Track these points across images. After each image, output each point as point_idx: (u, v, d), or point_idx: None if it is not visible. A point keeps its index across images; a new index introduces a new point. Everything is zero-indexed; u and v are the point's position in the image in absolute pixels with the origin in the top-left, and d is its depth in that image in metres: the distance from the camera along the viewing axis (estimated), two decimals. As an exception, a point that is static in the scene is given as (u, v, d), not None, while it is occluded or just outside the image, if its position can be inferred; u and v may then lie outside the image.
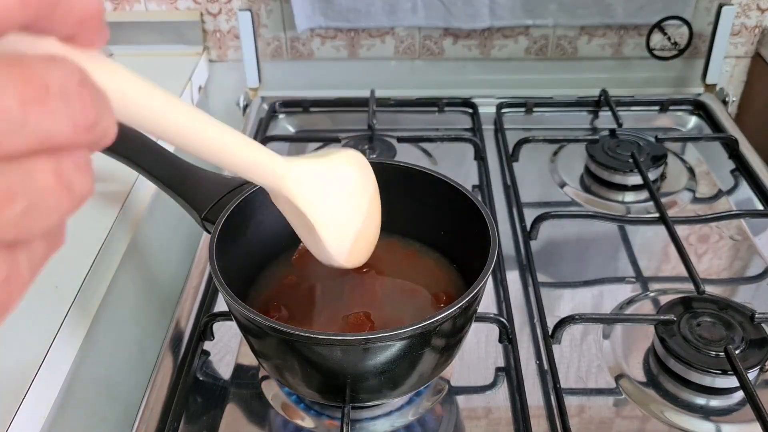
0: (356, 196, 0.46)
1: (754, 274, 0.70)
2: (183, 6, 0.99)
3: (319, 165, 0.42)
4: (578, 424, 0.55)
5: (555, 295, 0.67)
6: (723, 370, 0.56)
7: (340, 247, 0.45)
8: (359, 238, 0.47)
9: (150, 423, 0.55)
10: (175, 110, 0.28)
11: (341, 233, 0.45)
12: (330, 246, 0.44)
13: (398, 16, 0.95)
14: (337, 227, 0.44)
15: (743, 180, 0.84)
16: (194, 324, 0.63)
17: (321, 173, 0.42)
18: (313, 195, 0.41)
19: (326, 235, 0.43)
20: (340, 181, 0.44)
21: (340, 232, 0.45)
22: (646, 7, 0.95)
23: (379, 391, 0.50)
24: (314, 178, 0.41)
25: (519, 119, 0.96)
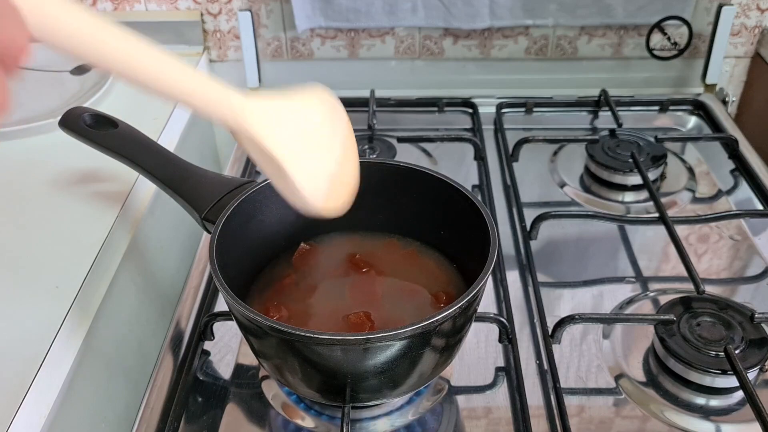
0: (326, 134, 0.43)
1: (753, 274, 0.71)
2: (183, 6, 0.99)
3: (281, 101, 0.40)
4: (578, 424, 0.55)
5: (555, 295, 0.68)
6: (723, 370, 0.56)
7: (314, 188, 0.42)
8: (335, 181, 0.44)
9: (150, 423, 0.55)
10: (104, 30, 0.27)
11: (313, 172, 0.42)
12: (302, 186, 0.41)
13: (398, 16, 0.96)
14: (307, 165, 0.41)
15: (743, 180, 0.84)
16: (194, 324, 0.63)
17: (284, 108, 0.40)
18: (276, 130, 0.39)
19: (296, 173, 0.40)
20: (306, 117, 0.42)
21: (312, 171, 0.42)
22: (646, 7, 0.95)
23: (379, 390, 0.50)
24: (276, 113, 0.39)
25: (519, 119, 0.97)
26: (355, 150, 0.47)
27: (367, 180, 0.59)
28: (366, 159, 0.83)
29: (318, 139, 0.42)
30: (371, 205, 0.60)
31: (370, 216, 0.61)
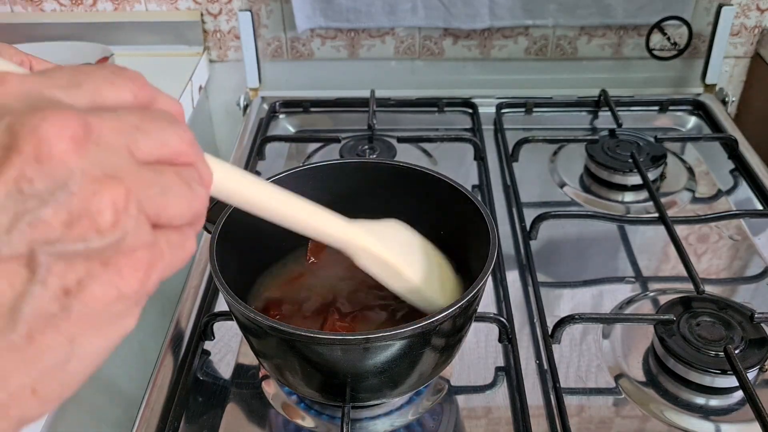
0: (417, 246, 0.50)
1: (753, 274, 0.71)
2: (183, 6, 0.99)
3: (373, 222, 0.47)
4: (578, 424, 0.55)
5: (555, 294, 0.68)
6: (722, 370, 0.56)
7: (433, 288, 0.49)
8: (445, 281, 0.51)
9: (150, 422, 0.55)
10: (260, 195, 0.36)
11: (425, 275, 0.49)
12: (422, 287, 0.48)
13: (398, 16, 0.96)
14: (418, 270, 0.48)
15: (743, 180, 0.84)
16: (195, 324, 0.64)
17: (379, 227, 0.47)
18: (382, 242, 0.46)
19: (413, 275, 0.47)
20: (397, 234, 0.49)
21: (424, 274, 0.49)
22: (645, 7, 0.95)
23: (379, 390, 0.50)
24: (376, 230, 0.46)
25: (519, 119, 0.97)
26: (439, 253, 0.53)
27: (367, 180, 0.60)
28: (366, 159, 0.83)
29: (415, 251, 0.50)
30: (371, 205, 0.60)
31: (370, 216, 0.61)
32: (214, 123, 1.10)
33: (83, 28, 0.98)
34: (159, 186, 0.25)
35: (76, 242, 0.22)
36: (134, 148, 0.24)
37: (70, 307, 0.22)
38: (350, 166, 0.61)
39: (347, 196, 0.60)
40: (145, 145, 0.25)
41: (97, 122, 0.23)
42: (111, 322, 0.24)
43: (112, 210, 0.23)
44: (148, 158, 0.25)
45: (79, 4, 0.99)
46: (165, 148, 0.25)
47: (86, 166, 0.22)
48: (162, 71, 0.96)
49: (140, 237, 0.24)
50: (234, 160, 0.87)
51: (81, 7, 1.00)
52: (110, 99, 0.25)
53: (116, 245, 0.23)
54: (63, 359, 0.23)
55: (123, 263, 0.23)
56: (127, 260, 0.23)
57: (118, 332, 0.25)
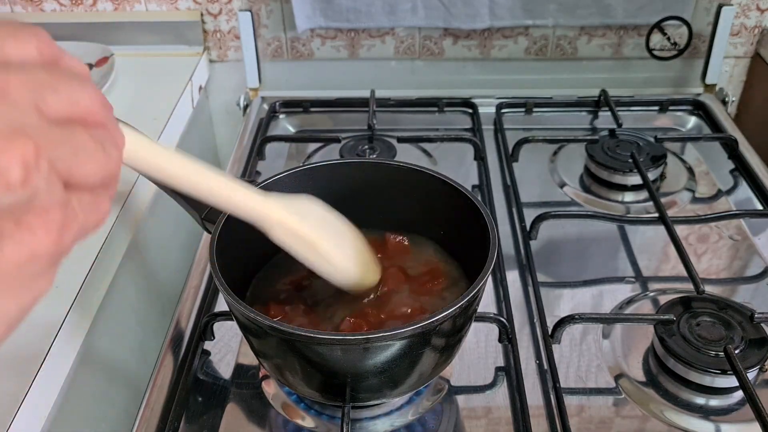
0: (333, 222, 0.49)
1: (753, 274, 0.71)
2: (183, 6, 0.99)
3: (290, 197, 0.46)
4: (578, 424, 0.55)
5: (555, 294, 0.68)
6: (722, 370, 0.56)
7: (348, 261, 0.48)
8: (361, 256, 0.50)
9: (150, 422, 0.55)
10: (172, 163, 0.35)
11: (340, 248, 0.48)
12: (337, 259, 0.47)
13: (398, 16, 0.96)
14: (333, 243, 0.47)
15: (743, 180, 0.84)
16: (194, 324, 0.64)
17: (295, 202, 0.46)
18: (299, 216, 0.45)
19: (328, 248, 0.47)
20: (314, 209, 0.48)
21: (339, 247, 0.48)
22: (645, 7, 0.95)
23: (379, 390, 0.50)
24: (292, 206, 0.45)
25: (519, 119, 0.97)
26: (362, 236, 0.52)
27: (367, 180, 0.60)
28: (366, 159, 0.83)
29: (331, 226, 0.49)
30: (371, 205, 0.60)
31: (370, 216, 0.61)
32: (214, 123, 1.10)
33: (83, 28, 0.98)
34: (70, 145, 0.24)
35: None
36: (43, 105, 0.23)
37: None
38: (350, 166, 0.61)
39: (347, 196, 0.60)
40: (55, 103, 0.24)
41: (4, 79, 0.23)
42: (23, 284, 0.24)
43: (21, 166, 0.22)
44: (58, 116, 0.24)
45: (79, 4, 0.99)
46: (75, 106, 0.25)
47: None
48: (162, 71, 0.96)
49: (52, 196, 0.23)
50: (234, 160, 0.87)
51: (81, 7, 1.00)
52: (14, 54, 0.24)
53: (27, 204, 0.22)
54: None
55: (35, 223, 0.23)
56: (39, 220, 0.23)
57: (32, 295, 0.24)
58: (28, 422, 0.49)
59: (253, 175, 0.85)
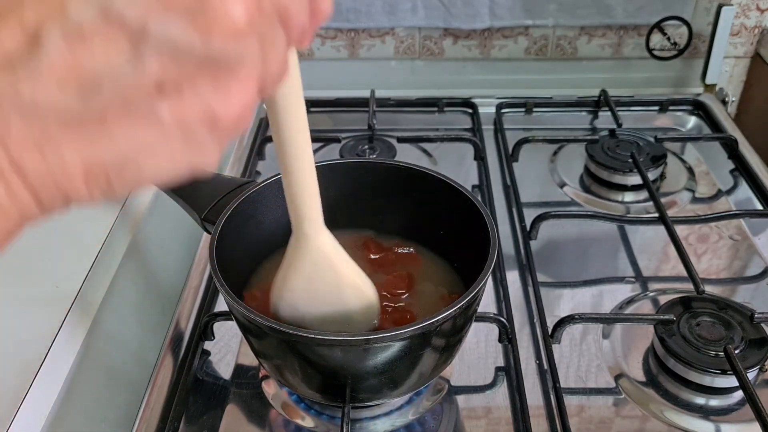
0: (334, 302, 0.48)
1: (753, 274, 0.71)
2: (183, 6, 0.99)
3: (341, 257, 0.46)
4: (578, 424, 0.55)
5: (555, 294, 0.68)
6: (722, 370, 0.56)
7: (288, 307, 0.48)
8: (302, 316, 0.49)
9: (150, 422, 0.55)
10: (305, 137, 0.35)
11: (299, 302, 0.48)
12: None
13: (398, 16, 0.96)
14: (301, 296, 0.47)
15: (743, 180, 0.84)
16: (194, 324, 0.63)
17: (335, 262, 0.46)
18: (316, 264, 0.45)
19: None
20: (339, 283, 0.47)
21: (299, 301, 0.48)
22: (645, 7, 0.95)
23: (379, 390, 0.50)
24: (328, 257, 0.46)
25: (519, 119, 0.97)
26: None
27: (367, 180, 0.60)
28: (366, 159, 0.83)
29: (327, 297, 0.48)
30: (371, 205, 0.60)
31: (370, 216, 0.61)
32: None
33: (83, 28, 0.98)
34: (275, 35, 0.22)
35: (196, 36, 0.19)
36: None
37: (157, 109, 0.20)
38: (350, 166, 0.61)
39: (347, 196, 0.60)
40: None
41: None
42: (188, 146, 0.21)
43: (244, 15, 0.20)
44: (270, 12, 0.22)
45: (79, 4, 0.99)
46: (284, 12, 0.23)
47: None
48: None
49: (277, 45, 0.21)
50: (234, 159, 0.87)
51: (81, 7, 1.00)
52: None
53: (235, 61, 0.20)
54: (124, 158, 0.20)
55: (233, 87, 0.21)
56: (238, 84, 0.21)
57: (189, 162, 0.22)
58: (28, 422, 0.49)
59: (253, 175, 0.85)
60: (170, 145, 0.21)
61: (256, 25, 0.20)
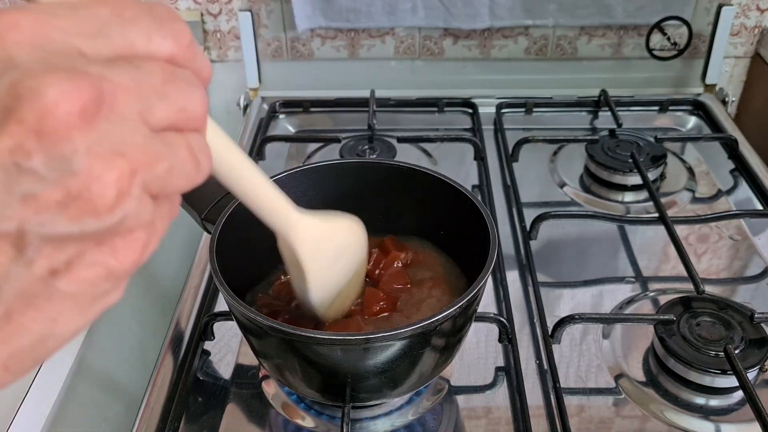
0: (347, 258, 0.49)
1: (753, 274, 0.71)
2: (183, 6, 0.99)
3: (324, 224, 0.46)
4: (578, 424, 0.55)
5: (555, 294, 0.68)
6: (722, 370, 0.56)
7: (323, 299, 0.48)
8: (340, 296, 0.50)
9: (150, 422, 0.55)
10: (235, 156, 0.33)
11: (327, 287, 0.48)
12: (314, 296, 0.47)
13: (398, 16, 0.96)
14: (324, 281, 0.47)
15: (743, 180, 0.84)
16: (195, 324, 0.63)
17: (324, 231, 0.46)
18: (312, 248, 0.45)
19: (314, 286, 0.46)
20: (337, 242, 0.48)
21: (326, 286, 0.48)
22: (645, 7, 0.95)
23: (379, 390, 0.50)
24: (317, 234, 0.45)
25: (519, 119, 0.97)
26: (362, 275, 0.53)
27: (367, 180, 0.60)
28: (366, 159, 0.83)
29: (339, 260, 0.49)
30: (371, 205, 0.60)
31: (370, 216, 0.61)
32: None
33: (83, 28, 0.98)
34: (168, 161, 0.22)
35: (72, 224, 0.20)
36: (148, 115, 0.22)
37: (55, 288, 0.21)
38: (350, 166, 0.61)
39: (347, 196, 0.60)
40: (161, 111, 0.22)
41: (112, 89, 0.21)
42: (95, 300, 0.23)
43: (114, 192, 0.21)
44: (161, 125, 0.22)
45: (79, 4, 0.99)
46: (180, 113, 0.23)
47: (92, 143, 0.20)
48: (162, 71, 0.96)
49: (140, 217, 0.22)
50: (234, 160, 0.87)
51: (81, 7, 1.00)
52: (141, 52, 0.23)
53: (114, 227, 0.21)
54: (41, 339, 0.22)
55: (119, 244, 0.22)
56: (123, 241, 0.22)
57: (101, 307, 0.24)
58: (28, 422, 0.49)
59: (253, 175, 0.85)
60: (78, 307, 0.22)
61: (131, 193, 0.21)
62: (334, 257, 0.48)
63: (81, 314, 0.23)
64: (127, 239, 0.22)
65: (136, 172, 0.21)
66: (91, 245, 0.21)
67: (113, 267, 0.22)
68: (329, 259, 0.47)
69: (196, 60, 0.25)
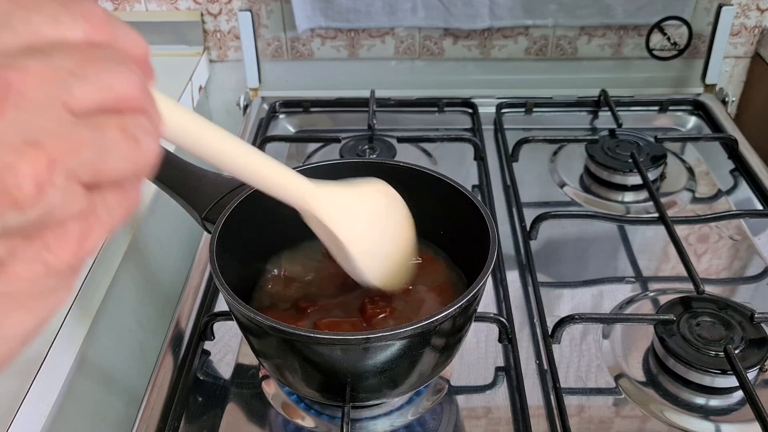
0: (383, 220, 0.48)
1: (753, 274, 0.71)
2: (183, 6, 0.99)
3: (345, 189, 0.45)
4: (578, 424, 0.55)
5: (555, 294, 0.68)
6: (722, 370, 0.56)
7: (371, 266, 0.47)
8: (391, 261, 0.49)
9: (150, 422, 0.55)
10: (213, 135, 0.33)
11: (370, 252, 0.47)
12: (360, 263, 0.46)
13: (398, 16, 0.96)
14: (365, 246, 0.46)
15: (743, 180, 0.84)
16: (195, 324, 0.64)
17: (347, 196, 0.45)
18: (338, 214, 0.43)
19: (354, 252, 0.45)
20: (366, 205, 0.47)
21: (369, 250, 0.47)
22: (645, 8, 0.95)
23: (379, 390, 0.50)
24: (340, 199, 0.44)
25: (519, 119, 0.97)
26: (411, 236, 0.51)
27: (367, 180, 0.60)
28: (366, 159, 0.83)
29: (375, 222, 0.47)
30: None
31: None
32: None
33: (83, 28, 0.98)
34: (96, 146, 0.21)
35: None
36: (68, 99, 0.21)
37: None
38: (350, 166, 0.61)
39: (347, 196, 0.60)
40: (82, 93, 0.21)
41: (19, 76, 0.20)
42: (40, 298, 0.22)
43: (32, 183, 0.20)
44: (86, 108, 0.21)
45: (79, 4, 0.99)
46: (107, 92, 0.22)
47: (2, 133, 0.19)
48: (162, 71, 0.95)
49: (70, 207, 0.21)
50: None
51: (81, 7, 1.00)
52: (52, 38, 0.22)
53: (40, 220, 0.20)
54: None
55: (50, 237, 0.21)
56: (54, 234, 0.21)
57: (50, 307, 0.23)
58: (28, 422, 0.49)
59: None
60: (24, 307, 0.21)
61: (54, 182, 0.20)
62: (368, 223, 0.46)
63: (28, 314, 0.22)
64: (58, 232, 0.21)
65: (55, 161, 0.20)
66: (21, 241, 0.20)
67: (50, 262, 0.21)
68: (363, 225, 0.46)
69: (119, 37, 0.24)
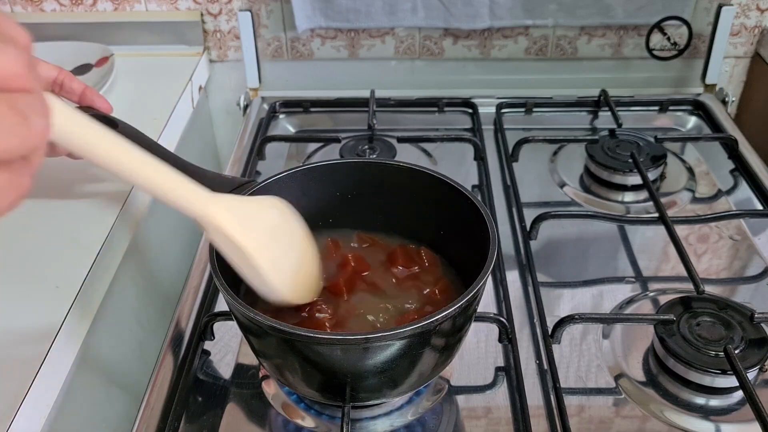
0: (285, 232, 0.48)
1: (753, 274, 0.71)
2: (183, 6, 0.99)
3: (243, 199, 0.44)
4: (578, 424, 0.55)
5: (555, 294, 0.68)
6: (722, 370, 0.56)
7: (281, 278, 0.47)
8: (300, 274, 0.49)
9: (150, 422, 0.55)
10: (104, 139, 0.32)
11: (277, 264, 0.46)
12: (267, 275, 0.45)
13: (398, 16, 0.96)
14: (269, 256, 0.45)
15: (743, 180, 0.84)
16: (195, 324, 0.64)
17: (246, 206, 0.44)
18: (239, 222, 0.43)
19: (259, 262, 0.44)
20: (265, 216, 0.46)
21: (274, 261, 0.46)
22: (645, 7, 0.95)
23: (379, 390, 0.50)
24: (239, 209, 0.43)
25: (519, 119, 0.97)
26: (315, 249, 0.52)
27: (367, 180, 0.60)
28: (366, 159, 0.83)
29: (277, 234, 0.47)
30: (371, 205, 0.60)
31: (370, 216, 0.61)
32: (214, 123, 1.10)
33: (83, 28, 0.98)
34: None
35: None
36: None
37: None
38: (350, 166, 0.61)
39: (347, 196, 0.60)
40: None
41: None
42: None
43: None
44: None
45: (79, 4, 0.99)
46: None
47: None
48: (162, 71, 0.96)
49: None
50: (234, 160, 0.87)
51: (81, 7, 1.00)
52: None
53: None
54: None
55: None
56: None
57: None
58: (28, 422, 0.49)
59: (253, 175, 0.85)
60: None
61: None
62: (270, 233, 0.46)
63: None
64: None
65: None
66: None
67: None
68: (265, 236, 0.45)
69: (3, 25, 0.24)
